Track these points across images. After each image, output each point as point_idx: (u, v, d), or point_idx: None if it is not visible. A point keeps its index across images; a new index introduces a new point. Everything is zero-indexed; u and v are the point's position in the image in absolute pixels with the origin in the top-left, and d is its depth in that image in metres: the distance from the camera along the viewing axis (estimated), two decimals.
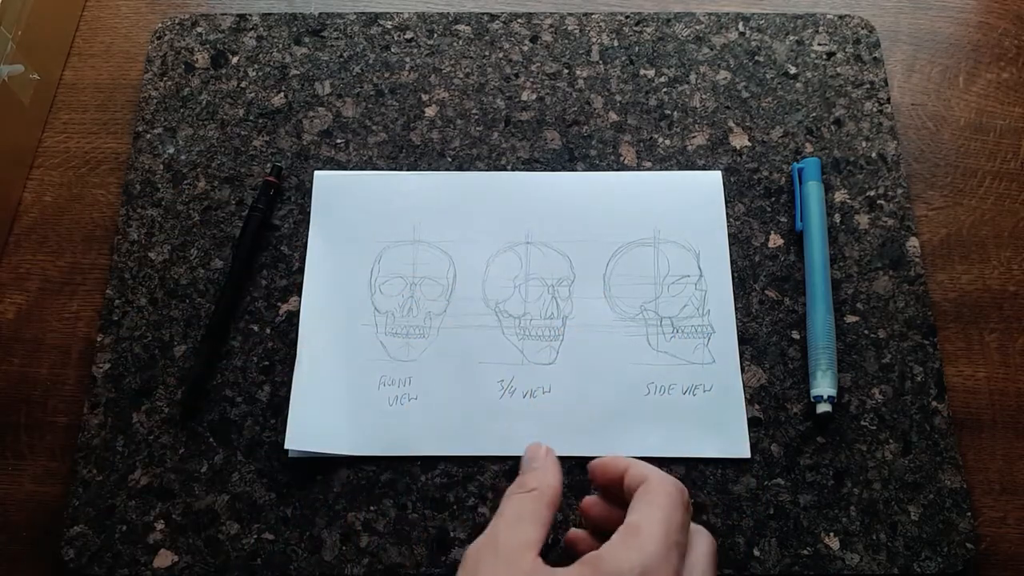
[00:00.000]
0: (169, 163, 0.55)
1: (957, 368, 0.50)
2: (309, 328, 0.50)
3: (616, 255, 0.52)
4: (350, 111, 0.56)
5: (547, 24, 0.59)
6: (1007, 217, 0.54)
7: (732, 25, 0.58)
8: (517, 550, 0.35)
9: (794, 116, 0.56)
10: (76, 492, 0.47)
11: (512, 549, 0.36)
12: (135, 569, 0.45)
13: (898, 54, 0.59)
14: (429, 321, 0.50)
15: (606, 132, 0.55)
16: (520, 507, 0.38)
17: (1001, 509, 0.47)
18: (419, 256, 0.52)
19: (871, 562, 0.45)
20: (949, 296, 0.52)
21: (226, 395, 0.49)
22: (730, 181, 0.54)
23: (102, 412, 0.48)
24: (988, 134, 0.56)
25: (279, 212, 0.53)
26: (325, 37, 0.58)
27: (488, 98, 0.57)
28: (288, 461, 0.47)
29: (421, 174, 0.54)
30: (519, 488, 0.39)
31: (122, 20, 0.61)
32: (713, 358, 0.49)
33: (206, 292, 0.51)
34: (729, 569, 0.45)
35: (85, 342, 0.51)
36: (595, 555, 0.34)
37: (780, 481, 0.47)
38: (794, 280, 0.51)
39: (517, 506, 0.38)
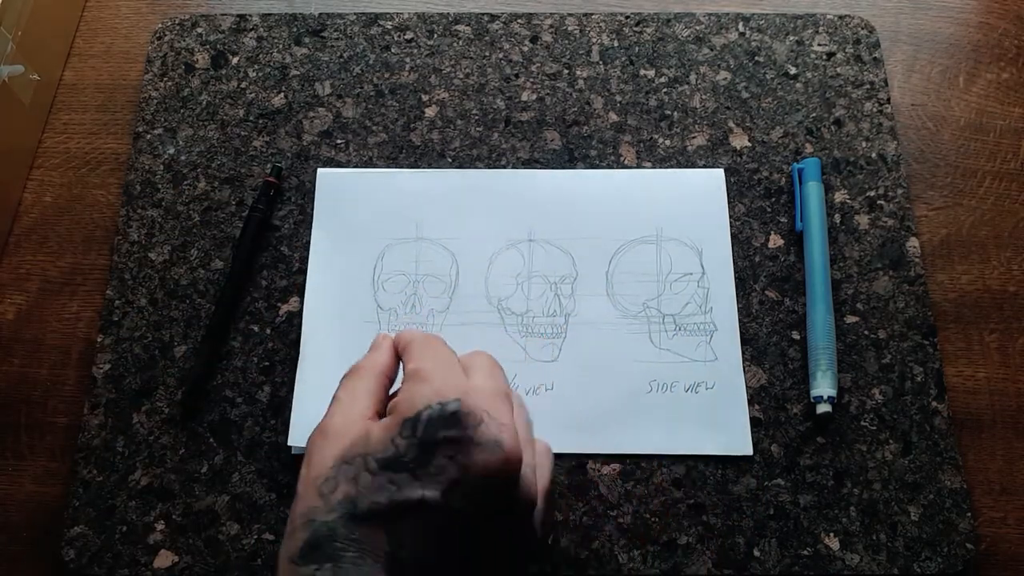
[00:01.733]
0: (169, 164, 0.55)
1: (957, 368, 0.50)
2: (312, 325, 0.50)
3: (619, 252, 0.52)
4: (350, 111, 0.56)
5: (547, 24, 0.59)
6: (1007, 217, 0.54)
7: (732, 25, 0.59)
8: (344, 426, 0.36)
9: (794, 116, 0.56)
10: (76, 492, 0.47)
11: (339, 427, 0.36)
12: (135, 569, 0.45)
13: (898, 54, 0.59)
14: (432, 318, 0.50)
15: (606, 132, 0.55)
16: (348, 389, 0.38)
17: (1001, 509, 0.47)
18: (422, 253, 0.52)
19: (871, 562, 0.45)
20: (949, 296, 0.52)
21: (226, 395, 0.49)
22: (730, 181, 0.54)
23: (102, 412, 0.48)
24: (988, 134, 0.56)
25: (279, 212, 0.53)
26: (325, 37, 0.59)
27: (488, 98, 0.57)
28: (288, 461, 0.47)
29: (424, 172, 0.54)
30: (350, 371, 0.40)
31: (122, 20, 0.61)
32: (715, 355, 0.49)
33: (206, 292, 0.51)
34: (729, 569, 0.45)
35: (85, 342, 0.51)
36: (393, 402, 0.36)
37: (780, 481, 0.47)
38: (794, 280, 0.51)
39: (347, 388, 0.39)
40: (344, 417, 0.37)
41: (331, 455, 0.35)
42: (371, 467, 0.34)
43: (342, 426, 0.36)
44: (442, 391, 0.35)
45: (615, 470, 0.47)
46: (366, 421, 0.36)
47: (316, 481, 0.34)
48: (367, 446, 0.35)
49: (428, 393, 0.35)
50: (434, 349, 0.38)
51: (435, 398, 0.35)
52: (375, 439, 0.35)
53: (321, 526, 0.33)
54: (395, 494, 0.33)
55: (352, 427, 0.36)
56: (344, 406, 0.38)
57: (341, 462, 0.35)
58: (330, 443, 0.36)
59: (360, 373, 0.39)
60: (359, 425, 0.36)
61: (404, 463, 0.34)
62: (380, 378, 0.39)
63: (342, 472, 0.34)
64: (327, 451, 0.35)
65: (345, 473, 0.34)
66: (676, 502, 0.46)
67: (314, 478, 0.35)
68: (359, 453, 0.35)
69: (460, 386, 0.36)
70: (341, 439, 0.35)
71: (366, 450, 0.35)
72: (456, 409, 0.34)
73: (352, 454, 0.35)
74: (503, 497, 0.35)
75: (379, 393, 0.39)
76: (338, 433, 0.36)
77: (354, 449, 0.35)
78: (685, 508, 0.46)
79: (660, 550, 0.46)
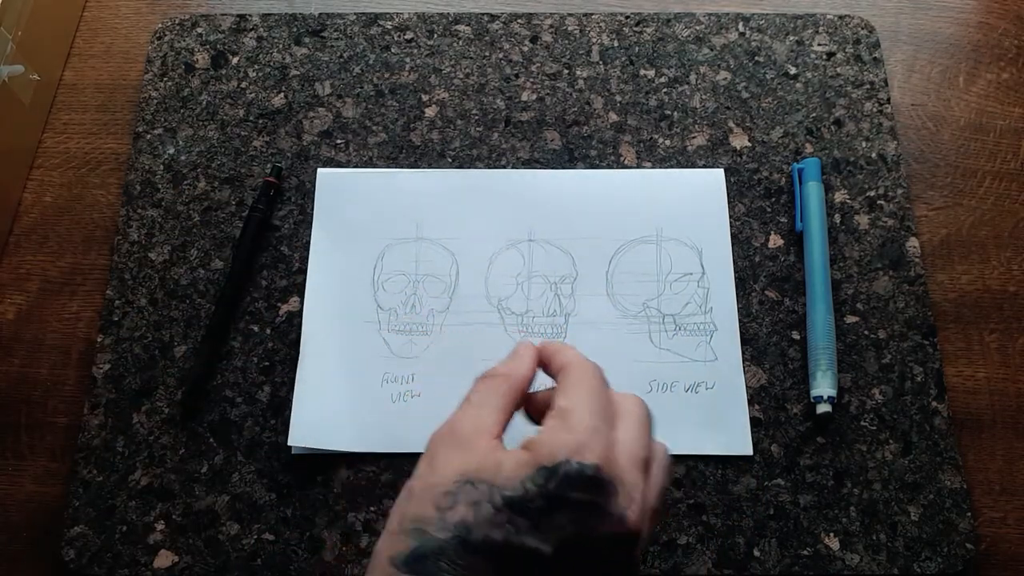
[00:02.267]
0: (169, 164, 0.55)
1: (957, 368, 0.50)
2: (312, 325, 0.50)
3: (619, 252, 0.52)
4: (350, 111, 0.56)
5: (547, 24, 0.59)
6: (1007, 217, 0.54)
7: (732, 25, 0.59)
8: (473, 434, 0.36)
9: (794, 116, 0.56)
10: (76, 492, 0.47)
11: (468, 433, 0.36)
12: (135, 569, 0.45)
13: (898, 54, 0.59)
14: (432, 318, 0.50)
15: (606, 132, 0.55)
16: (483, 394, 0.38)
17: (1001, 509, 0.47)
18: (422, 253, 0.52)
19: (871, 562, 0.45)
20: (949, 296, 0.52)
21: (226, 395, 0.49)
22: (730, 181, 0.54)
23: (102, 412, 0.48)
24: (988, 134, 0.56)
25: (279, 212, 0.53)
26: (325, 37, 0.59)
27: (488, 98, 0.57)
28: (288, 461, 0.47)
29: (424, 172, 0.54)
30: (487, 375, 0.39)
31: (122, 20, 0.61)
32: (715, 355, 0.49)
33: (206, 292, 0.51)
34: (729, 569, 0.45)
35: (85, 342, 0.51)
36: (533, 439, 0.35)
37: (780, 481, 0.47)
38: (794, 280, 0.51)
39: (481, 393, 0.38)
40: (475, 425, 0.37)
41: (456, 466, 0.35)
42: (496, 501, 0.33)
43: (472, 435, 0.36)
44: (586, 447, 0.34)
45: None
46: (495, 443, 0.36)
47: (435, 489, 0.34)
48: (496, 477, 0.34)
49: (572, 445, 0.34)
50: (588, 387, 0.37)
51: (576, 454, 0.34)
52: (506, 473, 0.34)
53: (431, 540, 0.33)
54: (511, 536, 0.33)
55: (480, 441, 0.36)
56: (476, 411, 0.37)
57: (465, 480, 0.34)
58: (457, 451, 0.35)
59: (496, 382, 0.39)
60: (489, 445, 0.36)
61: (529, 509, 0.33)
62: (514, 393, 0.39)
63: (464, 492, 0.34)
64: (453, 458, 0.35)
65: (468, 495, 0.34)
66: (676, 502, 0.46)
67: (434, 485, 0.34)
68: (487, 480, 0.34)
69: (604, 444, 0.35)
70: (469, 452, 0.35)
71: (494, 481, 0.34)
72: (593, 475, 0.34)
73: (480, 478, 0.34)
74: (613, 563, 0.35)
75: (509, 409, 0.38)
76: (466, 442, 0.36)
77: (482, 474, 0.34)
78: (685, 508, 0.46)
79: (660, 550, 0.46)
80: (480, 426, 0.36)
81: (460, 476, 0.34)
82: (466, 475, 0.34)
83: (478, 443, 0.35)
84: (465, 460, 0.35)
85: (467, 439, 0.36)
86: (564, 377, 0.38)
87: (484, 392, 0.38)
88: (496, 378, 0.39)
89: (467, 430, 0.36)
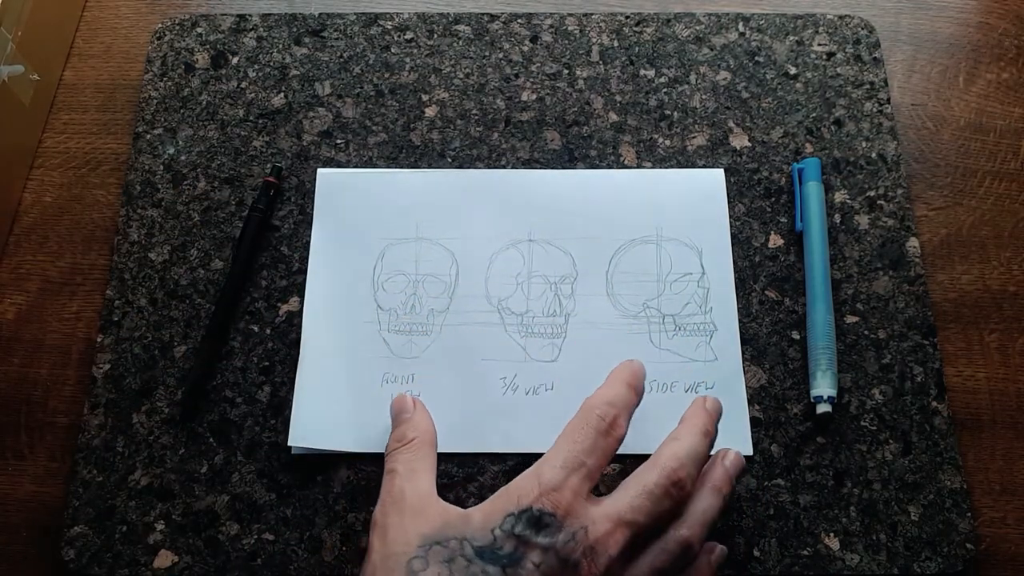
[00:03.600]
0: (169, 164, 0.55)
1: (957, 368, 0.50)
2: (312, 325, 0.50)
3: (619, 252, 0.52)
4: (350, 111, 0.56)
5: (547, 24, 0.59)
6: (1007, 217, 0.54)
7: (732, 25, 0.59)
8: (420, 500, 0.38)
9: (794, 116, 0.56)
10: (76, 492, 0.47)
11: (415, 501, 0.38)
12: (135, 569, 0.45)
13: (898, 54, 0.59)
14: (432, 318, 0.50)
15: (606, 132, 0.55)
16: (410, 462, 0.40)
17: (1001, 509, 0.47)
18: (422, 253, 0.52)
19: (871, 562, 0.45)
20: (949, 296, 0.52)
21: (226, 395, 0.49)
22: (730, 181, 0.54)
23: (102, 412, 0.48)
24: (988, 134, 0.56)
25: (279, 212, 0.53)
26: (325, 37, 0.58)
27: (488, 98, 0.57)
28: (288, 461, 0.47)
29: (424, 171, 0.54)
30: (400, 443, 0.42)
31: (122, 20, 0.61)
32: (715, 355, 0.49)
33: (206, 292, 0.51)
34: (729, 569, 0.45)
35: (85, 342, 0.51)
36: (504, 488, 0.38)
37: (780, 481, 0.47)
38: (794, 280, 0.51)
39: (406, 462, 0.40)
40: (417, 492, 0.38)
41: (415, 532, 0.36)
42: (467, 553, 0.35)
43: (420, 501, 0.38)
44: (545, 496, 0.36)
45: (615, 470, 0.47)
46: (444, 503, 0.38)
47: (400, 558, 0.35)
48: (466, 530, 0.36)
49: (536, 492, 0.36)
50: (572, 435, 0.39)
51: (539, 500, 0.35)
52: (476, 525, 0.36)
53: None
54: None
55: (431, 505, 0.37)
56: (412, 480, 0.39)
57: (432, 542, 0.35)
58: (409, 519, 0.37)
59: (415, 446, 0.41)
60: (441, 506, 0.37)
61: (498, 555, 0.34)
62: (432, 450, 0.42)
63: (433, 553, 0.35)
64: (409, 526, 0.36)
65: (437, 555, 0.35)
66: None
67: (396, 554, 0.36)
68: (455, 536, 0.35)
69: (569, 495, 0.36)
70: (424, 517, 0.37)
71: (463, 534, 0.35)
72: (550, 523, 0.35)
73: (446, 536, 0.36)
74: None
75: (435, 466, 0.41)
76: (418, 509, 0.37)
77: (449, 531, 0.36)
78: None
79: None
80: (422, 491, 0.38)
81: (424, 540, 0.36)
82: (430, 537, 0.36)
83: (429, 507, 0.37)
84: (424, 524, 0.36)
85: (417, 506, 0.37)
86: (569, 429, 0.40)
87: (410, 460, 0.40)
88: (413, 443, 0.41)
89: (412, 498, 0.38)
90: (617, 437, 0.39)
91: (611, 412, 0.39)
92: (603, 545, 0.35)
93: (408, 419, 0.43)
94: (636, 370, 0.42)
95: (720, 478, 0.40)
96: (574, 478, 0.36)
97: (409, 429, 0.42)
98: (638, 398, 0.42)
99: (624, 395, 0.41)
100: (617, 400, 0.40)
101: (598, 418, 0.39)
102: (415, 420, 0.43)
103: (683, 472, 0.38)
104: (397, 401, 0.45)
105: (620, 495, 0.37)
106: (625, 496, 0.37)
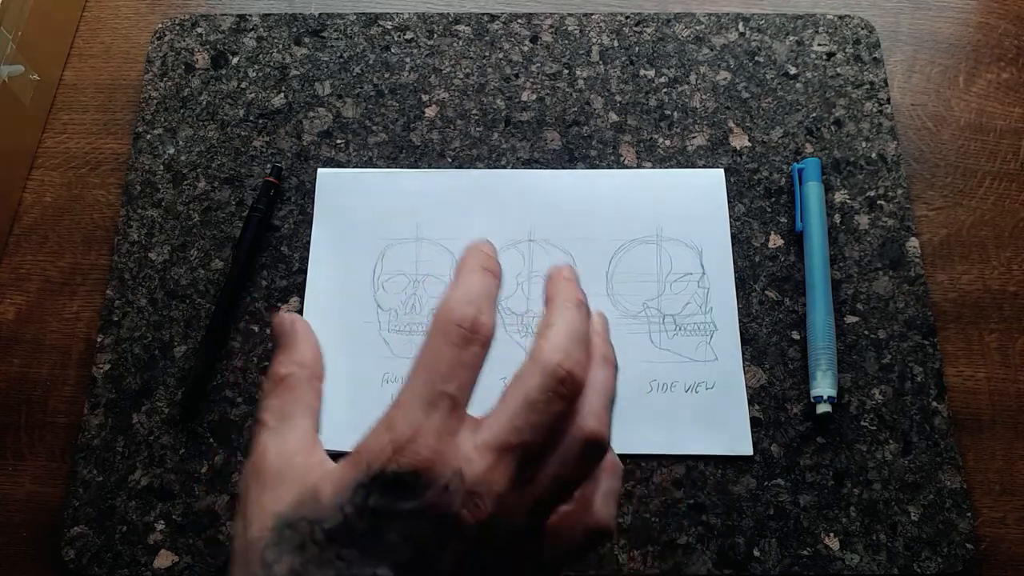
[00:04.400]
0: (169, 163, 0.55)
1: (957, 368, 0.50)
2: (312, 325, 0.50)
3: (619, 253, 0.52)
4: (350, 111, 0.56)
5: (547, 24, 0.59)
6: (1007, 217, 0.54)
7: (732, 25, 0.59)
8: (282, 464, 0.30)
9: (794, 116, 0.56)
10: (76, 492, 0.47)
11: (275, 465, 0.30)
12: (135, 569, 0.45)
13: (898, 54, 0.59)
14: None
15: (606, 132, 0.55)
16: (279, 408, 0.31)
17: (1001, 509, 0.47)
18: (422, 253, 0.52)
19: (871, 562, 0.45)
20: (949, 296, 0.52)
21: (226, 395, 0.49)
22: (730, 181, 0.54)
23: (102, 412, 0.48)
24: (988, 134, 0.56)
25: (279, 212, 0.53)
26: (325, 37, 0.58)
27: (488, 98, 0.57)
28: None
29: (424, 172, 0.54)
30: (270, 382, 0.32)
31: (122, 20, 0.61)
32: (715, 355, 0.49)
33: (206, 292, 0.51)
34: (729, 569, 0.45)
35: (85, 342, 0.51)
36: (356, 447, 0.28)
37: (780, 481, 0.47)
38: (794, 280, 0.51)
39: (274, 407, 0.31)
40: (279, 451, 0.30)
41: (271, 511, 0.28)
42: (317, 537, 0.27)
43: (279, 466, 0.29)
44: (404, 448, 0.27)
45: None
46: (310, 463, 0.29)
47: (257, 544, 0.28)
48: (315, 509, 0.28)
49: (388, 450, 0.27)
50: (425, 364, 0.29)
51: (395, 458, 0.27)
52: (325, 502, 0.28)
53: None
54: (343, 571, 0.27)
55: (291, 471, 0.29)
56: (277, 435, 0.30)
57: (284, 524, 0.28)
58: (268, 492, 0.29)
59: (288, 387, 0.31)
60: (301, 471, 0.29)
61: (354, 536, 0.27)
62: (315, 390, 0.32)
63: (286, 538, 0.28)
64: (266, 503, 0.29)
65: (290, 540, 0.28)
66: (676, 502, 0.46)
67: (254, 540, 0.28)
68: (305, 517, 0.28)
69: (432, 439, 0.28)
70: (281, 488, 0.29)
71: (313, 515, 0.28)
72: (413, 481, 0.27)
73: (297, 516, 0.28)
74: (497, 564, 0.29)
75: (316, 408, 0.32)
76: (276, 476, 0.29)
77: (300, 510, 0.28)
78: (685, 508, 0.46)
79: (660, 550, 0.46)
80: (289, 448, 0.30)
81: (277, 520, 0.28)
82: (283, 517, 0.28)
83: (289, 473, 0.29)
84: (277, 498, 0.29)
85: (276, 472, 0.29)
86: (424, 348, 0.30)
87: (278, 405, 0.31)
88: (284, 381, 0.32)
89: (275, 460, 0.30)
90: (483, 341, 0.30)
91: (468, 312, 0.30)
92: (486, 484, 0.28)
93: (284, 347, 0.33)
94: (484, 249, 0.33)
95: (601, 346, 0.33)
96: (435, 416, 0.28)
97: (282, 362, 0.32)
98: (498, 281, 0.32)
99: (479, 284, 0.31)
100: (472, 293, 0.30)
101: (454, 325, 0.29)
102: (292, 350, 0.32)
103: (569, 363, 0.30)
104: (275, 322, 0.34)
105: (499, 414, 0.30)
106: (504, 414, 0.30)
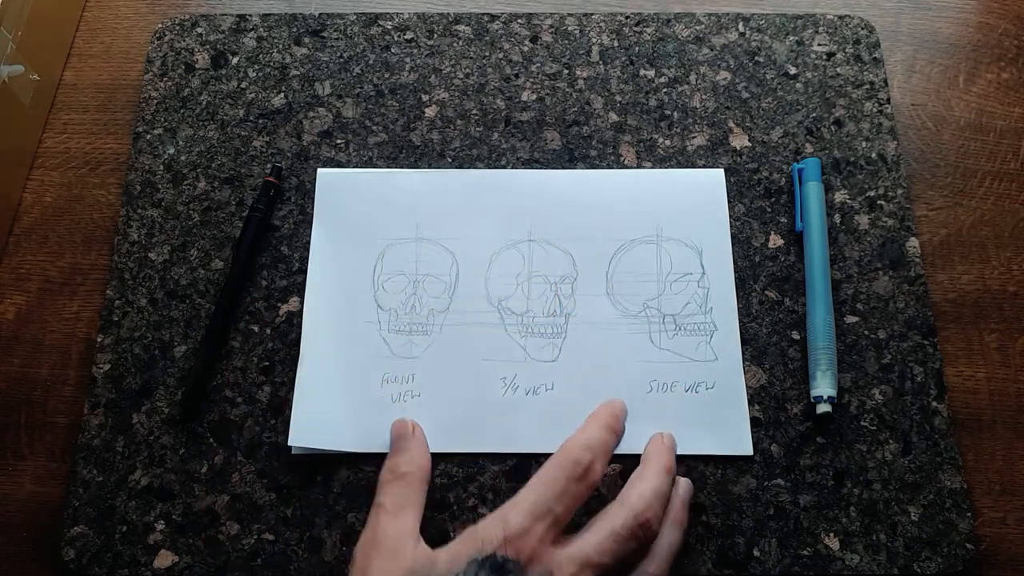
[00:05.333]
0: (169, 164, 0.55)
1: (957, 368, 0.50)
2: (312, 325, 0.50)
3: (619, 252, 0.52)
4: (350, 111, 0.56)
5: (547, 24, 0.59)
6: (1007, 217, 0.54)
7: (732, 25, 0.59)
8: (399, 540, 0.38)
9: (794, 116, 0.56)
10: (76, 492, 0.47)
11: (394, 540, 0.38)
12: (135, 569, 0.45)
13: (898, 54, 0.59)
14: (432, 318, 0.50)
15: (606, 132, 0.55)
16: (398, 496, 0.41)
17: (1001, 509, 0.47)
18: (422, 253, 0.52)
19: (871, 562, 0.45)
20: (949, 296, 0.52)
21: (226, 395, 0.49)
22: (730, 181, 0.54)
23: (102, 412, 0.48)
24: (988, 134, 0.56)
25: (279, 212, 0.53)
26: (325, 37, 0.59)
27: (488, 98, 0.57)
28: (288, 461, 0.47)
29: (424, 171, 0.54)
30: (391, 475, 0.42)
31: (122, 20, 0.61)
32: (716, 355, 0.49)
33: (206, 292, 0.51)
34: (729, 569, 0.45)
35: (85, 342, 0.51)
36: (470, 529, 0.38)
37: (780, 481, 0.47)
38: (794, 280, 0.51)
39: (395, 496, 0.41)
40: (398, 531, 0.39)
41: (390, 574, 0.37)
42: None
43: (398, 541, 0.38)
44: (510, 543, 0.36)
45: (615, 470, 0.47)
46: (421, 543, 0.38)
47: None
48: (431, 573, 0.36)
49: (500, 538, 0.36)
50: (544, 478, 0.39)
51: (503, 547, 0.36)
52: (440, 569, 0.36)
53: None
54: None
55: (405, 546, 0.38)
56: (396, 517, 0.40)
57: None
58: (388, 560, 0.37)
59: (406, 482, 0.41)
60: (416, 547, 0.38)
61: None
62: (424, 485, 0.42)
63: None
64: (386, 567, 0.37)
65: None
66: None
67: None
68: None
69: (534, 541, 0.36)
70: (399, 558, 0.37)
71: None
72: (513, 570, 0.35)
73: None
74: None
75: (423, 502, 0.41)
76: (394, 550, 0.38)
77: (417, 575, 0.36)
78: None
79: None
80: (403, 531, 0.39)
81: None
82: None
83: (404, 549, 0.38)
84: (398, 567, 0.37)
85: (394, 547, 0.38)
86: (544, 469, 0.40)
87: (398, 495, 0.41)
88: (404, 478, 0.42)
89: (392, 537, 0.39)
90: (591, 483, 0.39)
91: (587, 457, 0.39)
92: None
93: (405, 449, 0.44)
94: (616, 411, 0.43)
95: (679, 511, 0.42)
96: (540, 525, 0.37)
97: (404, 462, 0.43)
98: (617, 439, 0.42)
99: (601, 438, 0.41)
100: (594, 443, 0.40)
101: (573, 463, 0.39)
102: (412, 453, 0.43)
103: (650, 513, 0.39)
104: (397, 426, 0.46)
105: (588, 537, 0.38)
106: (592, 538, 0.38)
